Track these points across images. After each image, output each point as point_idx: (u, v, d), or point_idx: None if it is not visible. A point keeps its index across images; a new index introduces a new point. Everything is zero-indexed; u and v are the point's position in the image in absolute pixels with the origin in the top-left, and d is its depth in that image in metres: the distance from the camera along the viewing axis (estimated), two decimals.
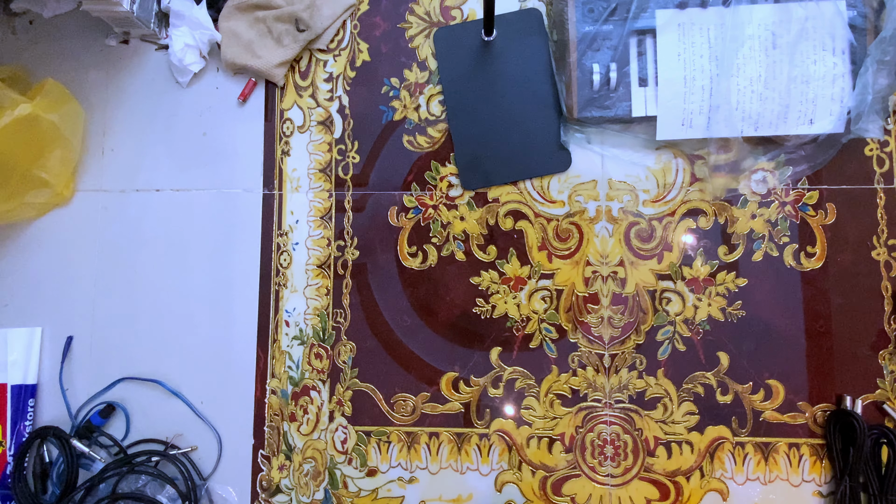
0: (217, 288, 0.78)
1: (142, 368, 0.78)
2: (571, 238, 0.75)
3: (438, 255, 0.76)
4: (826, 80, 0.69)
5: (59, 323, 0.79)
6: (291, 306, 0.77)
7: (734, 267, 0.74)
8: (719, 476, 0.72)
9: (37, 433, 0.75)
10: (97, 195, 0.81)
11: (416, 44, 0.79)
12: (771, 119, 0.70)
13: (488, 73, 0.77)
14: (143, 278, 0.79)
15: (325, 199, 0.79)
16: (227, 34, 0.79)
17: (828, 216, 0.73)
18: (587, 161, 0.76)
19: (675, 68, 0.70)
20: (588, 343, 0.74)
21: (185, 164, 0.80)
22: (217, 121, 0.81)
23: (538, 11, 0.77)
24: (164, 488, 0.73)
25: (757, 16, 0.69)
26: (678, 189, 0.75)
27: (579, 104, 0.72)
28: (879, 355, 0.72)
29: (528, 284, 0.75)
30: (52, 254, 0.80)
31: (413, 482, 0.75)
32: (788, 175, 0.73)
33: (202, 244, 0.79)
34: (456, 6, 0.79)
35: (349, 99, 0.79)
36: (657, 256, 0.74)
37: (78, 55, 0.82)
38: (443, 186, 0.77)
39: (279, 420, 0.77)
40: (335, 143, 0.79)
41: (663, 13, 0.70)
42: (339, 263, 0.78)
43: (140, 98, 0.82)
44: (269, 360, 0.77)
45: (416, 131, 0.78)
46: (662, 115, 0.71)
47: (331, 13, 0.78)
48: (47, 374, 0.79)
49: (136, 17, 0.75)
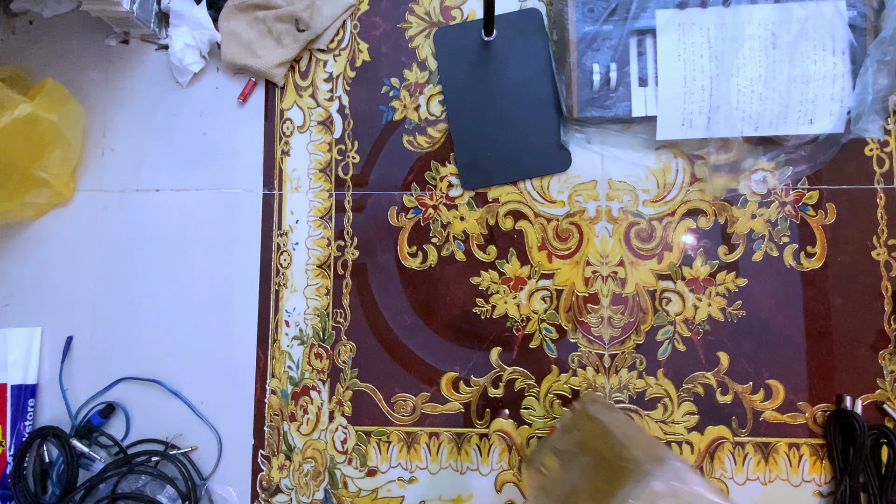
0: (217, 288, 0.78)
1: (142, 368, 0.78)
2: (571, 238, 0.75)
3: (438, 255, 0.76)
4: (826, 80, 0.69)
5: (59, 323, 0.79)
6: (291, 306, 0.77)
7: (734, 267, 0.74)
8: (719, 476, 0.72)
9: (37, 433, 0.75)
10: (97, 195, 0.81)
11: (416, 44, 0.79)
12: (771, 119, 0.70)
13: (488, 73, 0.77)
14: (143, 278, 0.79)
15: (325, 199, 0.79)
16: (227, 34, 0.79)
17: (828, 216, 0.73)
18: (587, 161, 0.76)
19: (675, 68, 0.70)
20: (588, 343, 0.74)
21: (185, 164, 0.80)
22: (217, 121, 0.81)
23: (538, 11, 0.77)
24: (164, 488, 0.73)
25: (757, 16, 0.69)
26: (678, 189, 0.75)
27: (579, 104, 0.72)
28: (879, 355, 0.72)
29: (528, 284, 0.75)
30: (52, 254, 0.80)
31: (413, 482, 0.75)
32: (788, 175, 0.73)
33: (202, 244, 0.79)
34: (456, 6, 0.79)
35: (349, 99, 0.79)
36: (657, 256, 0.74)
37: (78, 55, 0.82)
38: (443, 186, 0.77)
39: (279, 420, 0.77)
40: (335, 143, 0.79)
41: (663, 13, 0.70)
42: (339, 263, 0.78)
43: (140, 98, 0.82)
44: (269, 360, 0.77)
45: (416, 131, 0.78)
46: (662, 115, 0.71)
47: (331, 13, 0.78)
48: (47, 374, 0.79)
49: (136, 17, 0.75)
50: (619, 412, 0.70)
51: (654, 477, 0.42)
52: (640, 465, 0.44)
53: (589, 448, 0.58)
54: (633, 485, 0.42)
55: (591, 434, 0.61)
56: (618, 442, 0.52)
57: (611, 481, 0.45)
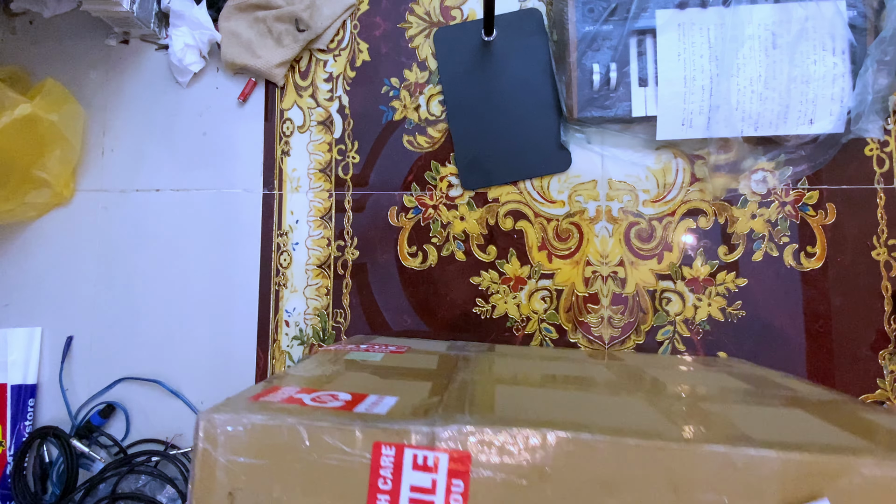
0: (217, 288, 0.78)
1: (142, 368, 0.78)
2: (571, 238, 0.75)
3: (438, 255, 0.76)
4: (826, 80, 0.69)
5: (59, 323, 0.79)
6: (291, 306, 0.77)
7: (734, 267, 0.74)
8: None
9: (37, 433, 0.75)
10: (97, 195, 0.81)
11: (416, 44, 0.79)
12: (771, 119, 0.70)
13: (488, 73, 0.77)
14: (144, 278, 0.79)
15: (325, 199, 0.79)
16: (227, 34, 0.79)
17: (828, 216, 0.73)
18: (587, 161, 0.76)
19: (675, 68, 0.70)
20: (588, 343, 0.74)
21: (185, 164, 0.80)
22: (217, 121, 0.81)
23: (538, 11, 0.77)
24: (164, 488, 0.73)
25: (757, 16, 0.69)
26: (678, 189, 0.75)
27: (579, 104, 0.72)
28: (879, 355, 0.72)
29: (528, 284, 0.75)
30: (52, 254, 0.80)
31: None
32: (788, 175, 0.73)
33: (202, 244, 0.79)
34: (456, 6, 0.79)
35: (349, 99, 0.79)
36: (657, 256, 0.74)
37: (78, 55, 0.82)
38: (443, 186, 0.77)
39: None
40: (335, 143, 0.79)
41: (663, 13, 0.70)
42: (339, 263, 0.78)
43: (140, 98, 0.82)
44: (269, 360, 0.77)
45: (416, 131, 0.78)
46: (662, 115, 0.71)
47: (331, 13, 0.78)
48: (47, 374, 0.79)
49: (136, 17, 0.75)
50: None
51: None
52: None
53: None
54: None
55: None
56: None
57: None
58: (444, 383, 0.49)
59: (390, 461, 0.40)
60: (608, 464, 0.39)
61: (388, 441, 0.40)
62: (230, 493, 0.43)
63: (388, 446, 0.40)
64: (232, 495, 0.43)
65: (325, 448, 0.41)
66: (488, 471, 0.39)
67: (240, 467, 0.44)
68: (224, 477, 0.44)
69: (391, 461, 0.40)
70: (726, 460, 0.39)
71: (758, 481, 0.38)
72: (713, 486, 0.38)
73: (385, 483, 0.40)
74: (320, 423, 0.42)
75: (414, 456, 0.40)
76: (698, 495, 0.39)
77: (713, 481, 0.39)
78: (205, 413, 0.45)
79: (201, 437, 0.46)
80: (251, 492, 0.42)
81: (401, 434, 0.40)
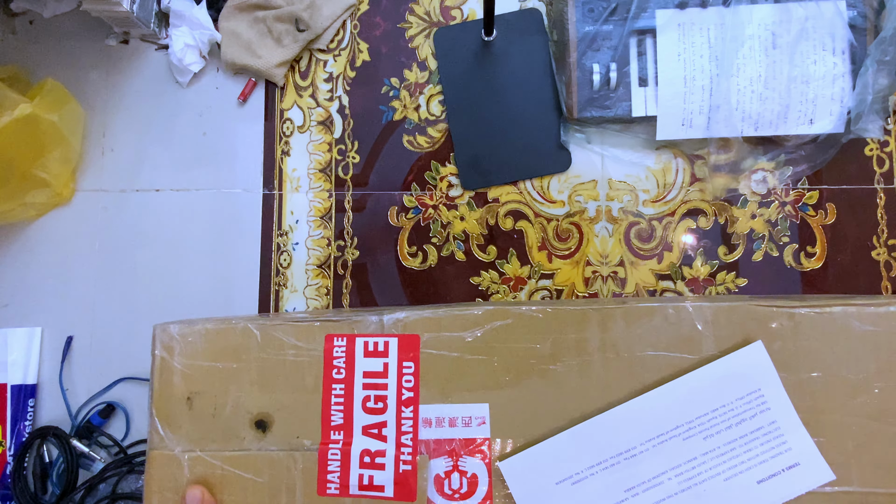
0: (217, 288, 0.78)
1: (142, 368, 0.78)
2: (571, 238, 0.75)
3: (438, 255, 0.77)
4: (826, 80, 0.69)
5: (59, 323, 0.79)
6: (291, 306, 0.77)
7: (734, 267, 0.74)
8: None
9: (37, 433, 0.75)
10: (97, 195, 0.81)
11: (416, 44, 0.79)
12: (771, 119, 0.70)
13: (488, 73, 0.77)
14: (143, 278, 0.79)
15: (325, 199, 0.79)
16: (227, 34, 0.79)
17: (828, 216, 0.73)
18: (587, 161, 0.76)
19: (675, 68, 0.70)
20: None
21: (185, 164, 0.80)
22: (217, 121, 0.81)
23: (538, 11, 0.77)
24: None
25: (757, 16, 0.69)
26: (678, 189, 0.75)
27: (579, 104, 0.72)
28: None
29: (528, 284, 0.75)
30: (52, 254, 0.80)
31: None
32: (788, 175, 0.73)
33: (202, 244, 0.79)
34: (456, 6, 0.79)
35: (349, 99, 0.79)
36: (657, 256, 0.74)
37: (78, 55, 0.82)
38: (443, 186, 0.77)
39: None
40: (335, 143, 0.79)
41: (663, 13, 0.70)
42: (339, 263, 0.78)
43: (140, 98, 0.82)
44: None
45: (416, 131, 0.78)
46: (662, 115, 0.71)
47: (331, 13, 0.78)
48: (47, 374, 0.79)
49: (136, 17, 0.75)
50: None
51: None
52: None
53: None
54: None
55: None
56: None
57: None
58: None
59: (342, 351, 0.42)
60: (548, 330, 0.42)
61: (340, 332, 0.42)
62: (188, 398, 0.45)
63: (339, 337, 0.42)
64: (190, 399, 0.44)
65: (278, 345, 0.43)
66: (436, 350, 0.41)
67: (197, 371, 0.46)
68: (181, 382, 0.46)
69: (343, 351, 0.42)
70: (661, 312, 0.42)
71: (689, 331, 0.42)
72: (650, 342, 0.42)
73: (339, 373, 0.41)
74: (272, 322, 0.44)
75: (365, 343, 0.42)
76: (637, 352, 0.42)
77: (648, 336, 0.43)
78: (161, 324, 0.47)
79: (158, 346, 0.48)
80: (209, 394, 0.44)
81: (352, 325, 0.42)
